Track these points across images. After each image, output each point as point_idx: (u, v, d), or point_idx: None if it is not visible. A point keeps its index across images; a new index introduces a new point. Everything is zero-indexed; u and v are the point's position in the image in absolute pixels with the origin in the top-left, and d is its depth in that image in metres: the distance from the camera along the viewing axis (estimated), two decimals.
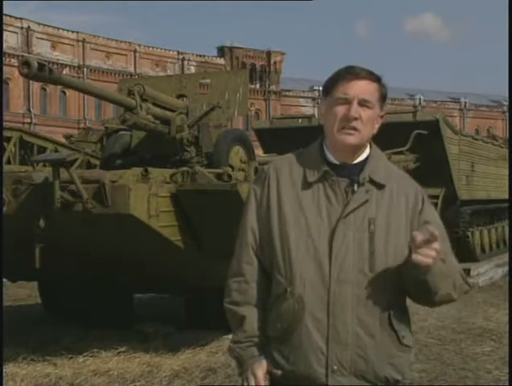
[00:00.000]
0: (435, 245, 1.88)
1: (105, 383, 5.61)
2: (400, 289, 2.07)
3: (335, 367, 2.01)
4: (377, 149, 2.18)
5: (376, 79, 2.11)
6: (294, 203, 2.09)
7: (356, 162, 2.12)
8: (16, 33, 56.88)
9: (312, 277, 2.03)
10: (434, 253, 1.89)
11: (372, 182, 2.08)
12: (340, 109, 2.07)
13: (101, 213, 5.41)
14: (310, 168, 2.12)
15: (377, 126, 2.14)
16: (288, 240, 2.07)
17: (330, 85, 2.12)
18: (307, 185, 2.10)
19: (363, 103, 2.06)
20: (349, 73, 2.08)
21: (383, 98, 2.13)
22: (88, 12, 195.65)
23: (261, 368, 2.09)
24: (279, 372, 2.08)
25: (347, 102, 2.06)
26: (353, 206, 2.05)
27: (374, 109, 2.09)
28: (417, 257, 1.90)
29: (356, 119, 2.05)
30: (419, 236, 1.88)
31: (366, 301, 2.02)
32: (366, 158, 2.12)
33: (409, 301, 2.15)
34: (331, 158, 2.12)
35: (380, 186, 2.09)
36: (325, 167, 2.10)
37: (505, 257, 14.30)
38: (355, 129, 2.06)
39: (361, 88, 2.06)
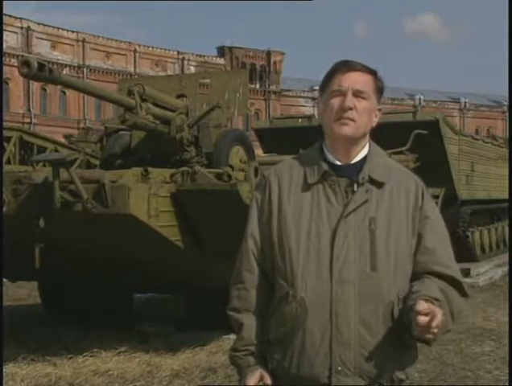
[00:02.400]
0: (435, 323, 1.88)
1: (105, 383, 5.61)
2: (403, 287, 2.06)
3: (339, 368, 2.01)
4: (377, 147, 2.17)
5: (371, 71, 2.11)
6: (294, 206, 2.09)
7: (355, 161, 2.11)
8: (16, 33, 56.86)
9: (314, 279, 2.02)
10: (435, 331, 1.90)
11: (371, 181, 2.08)
12: (336, 101, 2.07)
13: (101, 213, 5.41)
14: (310, 169, 2.11)
15: (375, 120, 2.13)
16: (289, 242, 2.06)
17: (326, 81, 2.12)
18: (307, 186, 2.10)
19: (357, 94, 2.06)
20: (344, 66, 2.09)
21: (379, 90, 2.13)
22: (88, 12, 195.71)
23: (253, 379, 2.09)
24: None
25: (342, 93, 2.07)
26: (353, 206, 2.04)
27: (370, 100, 2.09)
28: (419, 334, 1.93)
29: (351, 109, 2.05)
30: (421, 319, 1.86)
31: (369, 300, 2.01)
32: (365, 157, 2.12)
33: None
34: (331, 158, 2.11)
35: (380, 185, 2.08)
36: (325, 167, 2.09)
37: (505, 257, 14.28)
38: (350, 119, 2.06)
39: (355, 79, 2.07)
